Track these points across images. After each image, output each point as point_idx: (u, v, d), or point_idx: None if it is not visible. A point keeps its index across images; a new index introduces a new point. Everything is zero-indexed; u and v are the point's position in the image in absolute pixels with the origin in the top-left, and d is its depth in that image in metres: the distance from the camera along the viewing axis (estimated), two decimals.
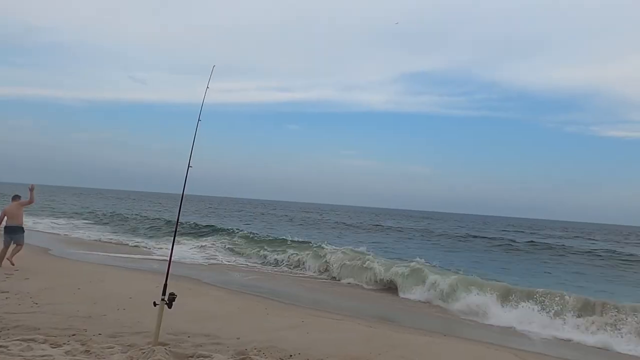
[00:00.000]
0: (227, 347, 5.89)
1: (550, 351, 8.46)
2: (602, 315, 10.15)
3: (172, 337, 6.09)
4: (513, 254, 26.69)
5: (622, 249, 30.89)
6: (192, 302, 8.83)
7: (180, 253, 16.62)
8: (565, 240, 39.56)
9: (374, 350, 6.59)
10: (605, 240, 43.32)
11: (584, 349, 9.00)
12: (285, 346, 6.22)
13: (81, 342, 5.50)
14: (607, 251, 28.29)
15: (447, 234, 38.90)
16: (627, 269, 21.19)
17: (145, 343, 5.48)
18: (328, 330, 7.76)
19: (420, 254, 19.17)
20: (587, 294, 12.15)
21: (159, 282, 5.70)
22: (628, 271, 20.59)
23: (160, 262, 15.48)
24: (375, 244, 25.48)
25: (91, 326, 6.45)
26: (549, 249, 29.17)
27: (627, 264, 22.90)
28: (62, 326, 6.28)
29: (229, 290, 11.54)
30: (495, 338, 8.99)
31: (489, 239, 34.55)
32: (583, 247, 31.63)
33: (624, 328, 9.42)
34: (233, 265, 17.51)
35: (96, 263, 14.20)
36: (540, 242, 33.44)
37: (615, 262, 23.45)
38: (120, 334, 6.10)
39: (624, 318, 9.70)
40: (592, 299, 11.01)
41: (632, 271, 20.68)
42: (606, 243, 38.96)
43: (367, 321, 9.10)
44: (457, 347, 7.61)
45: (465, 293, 11.88)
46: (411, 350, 6.92)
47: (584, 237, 49.04)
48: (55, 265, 12.50)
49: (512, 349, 7.88)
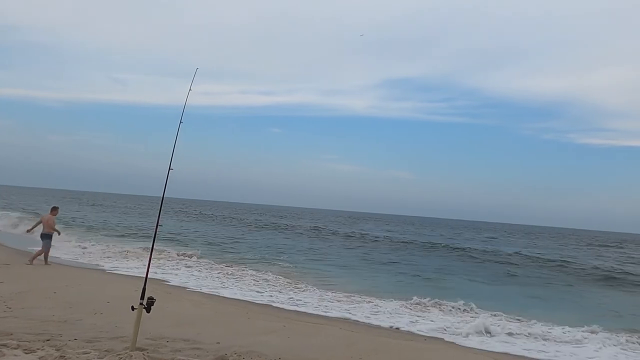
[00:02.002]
0: (206, 352, 5.80)
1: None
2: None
3: (151, 342, 5.98)
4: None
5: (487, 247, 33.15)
6: (172, 306, 8.70)
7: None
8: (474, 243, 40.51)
9: (355, 355, 6.58)
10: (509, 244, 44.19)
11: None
12: (266, 351, 6.16)
13: (56, 347, 5.35)
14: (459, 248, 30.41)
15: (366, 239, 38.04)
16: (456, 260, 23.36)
17: (123, 348, 5.36)
18: (309, 334, 7.72)
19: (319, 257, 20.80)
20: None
21: (137, 286, 5.60)
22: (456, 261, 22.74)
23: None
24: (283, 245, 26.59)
25: (67, 331, 6.29)
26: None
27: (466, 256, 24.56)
28: (36, 331, 6.11)
29: (209, 295, 11.40)
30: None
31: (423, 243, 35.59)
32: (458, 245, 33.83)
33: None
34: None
35: (74, 267, 13.89)
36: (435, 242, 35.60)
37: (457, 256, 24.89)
38: (97, 339, 5.96)
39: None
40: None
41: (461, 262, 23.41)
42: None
43: (349, 325, 9.08)
44: (438, 351, 7.63)
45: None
46: (392, 354, 6.92)
47: (501, 240, 50.02)
48: (31, 269, 12.18)
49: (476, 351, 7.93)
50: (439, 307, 11.53)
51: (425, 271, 19.49)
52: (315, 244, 30.29)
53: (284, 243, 28.76)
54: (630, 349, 8.76)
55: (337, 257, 22.63)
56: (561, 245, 47.80)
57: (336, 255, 23.95)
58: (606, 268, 24.71)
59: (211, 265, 16.36)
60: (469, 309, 11.34)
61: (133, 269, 13.89)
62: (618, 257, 34.91)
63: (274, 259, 19.86)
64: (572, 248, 44.01)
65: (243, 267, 16.36)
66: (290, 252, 23.06)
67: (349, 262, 20.97)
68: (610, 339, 9.20)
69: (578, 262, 27.13)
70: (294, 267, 17.75)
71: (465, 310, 11.24)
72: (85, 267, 14.10)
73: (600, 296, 16.55)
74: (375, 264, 21.03)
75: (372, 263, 21.48)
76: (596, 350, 8.51)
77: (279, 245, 27.16)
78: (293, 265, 17.99)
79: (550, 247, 44.03)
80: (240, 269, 15.72)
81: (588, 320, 10.57)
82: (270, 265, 17.83)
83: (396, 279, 16.85)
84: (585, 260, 28.92)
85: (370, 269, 19.35)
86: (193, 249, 20.01)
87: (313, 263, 19.72)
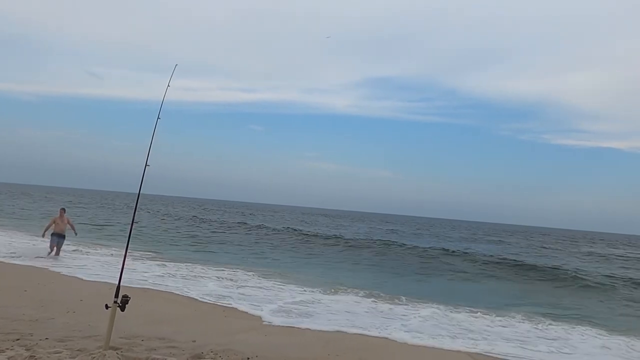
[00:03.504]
0: (182, 351, 5.74)
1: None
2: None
3: (125, 340, 5.88)
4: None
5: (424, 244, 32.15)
6: (147, 304, 8.57)
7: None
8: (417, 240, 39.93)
9: (332, 352, 6.59)
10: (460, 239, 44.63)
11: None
12: (243, 349, 6.12)
13: (26, 347, 5.22)
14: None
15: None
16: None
17: (96, 347, 5.26)
18: (287, 333, 7.70)
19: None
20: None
21: (112, 284, 5.50)
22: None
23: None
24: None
25: (38, 330, 6.14)
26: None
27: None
28: (6, 330, 5.95)
29: (184, 294, 11.25)
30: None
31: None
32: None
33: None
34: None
35: (47, 266, 13.55)
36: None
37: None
38: (69, 338, 5.83)
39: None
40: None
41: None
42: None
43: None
44: (413, 347, 7.68)
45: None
46: (369, 351, 6.95)
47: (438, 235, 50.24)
48: (1, 267, 11.86)
49: (466, 352, 8.03)
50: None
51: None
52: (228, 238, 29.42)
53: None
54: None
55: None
56: (500, 240, 48.33)
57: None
58: (501, 256, 25.72)
59: (180, 265, 16.00)
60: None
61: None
62: (533, 249, 36.46)
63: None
64: (507, 244, 43.49)
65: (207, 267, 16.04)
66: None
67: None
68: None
69: (480, 252, 27.74)
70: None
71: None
72: (55, 266, 13.75)
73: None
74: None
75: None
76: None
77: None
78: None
79: (480, 240, 44.97)
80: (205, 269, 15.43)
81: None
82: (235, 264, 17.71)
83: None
84: (495, 252, 29.86)
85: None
86: (158, 249, 19.95)
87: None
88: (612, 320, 11.59)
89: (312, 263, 19.97)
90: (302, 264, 19.12)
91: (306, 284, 13.15)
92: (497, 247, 37.78)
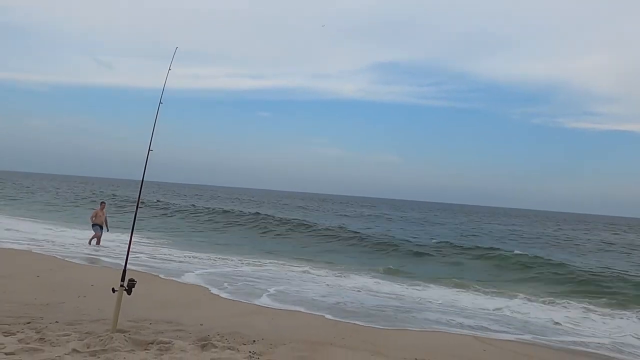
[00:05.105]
0: (189, 334, 5.81)
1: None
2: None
3: (133, 324, 5.98)
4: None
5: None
6: (155, 288, 8.71)
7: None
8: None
9: (338, 335, 6.64)
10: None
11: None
12: (249, 332, 6.19)
13: (36, 330, 5.33)
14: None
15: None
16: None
17: (104, 330, 5.35)
18: (293, 316, 7.77)
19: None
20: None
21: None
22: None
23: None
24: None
25: (48, 314, 6.27)
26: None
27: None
28: (17, 314, 6.08)
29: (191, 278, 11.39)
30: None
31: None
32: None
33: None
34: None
35: (59, 253, 13.77)
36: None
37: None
38: (78, 322, 5.94)
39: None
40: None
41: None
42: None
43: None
44: (420, 331, 7.72)
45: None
46: (374, 334, 7.00)
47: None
48: (15, 255, 12.07)
49: (472, 334, 8.05)
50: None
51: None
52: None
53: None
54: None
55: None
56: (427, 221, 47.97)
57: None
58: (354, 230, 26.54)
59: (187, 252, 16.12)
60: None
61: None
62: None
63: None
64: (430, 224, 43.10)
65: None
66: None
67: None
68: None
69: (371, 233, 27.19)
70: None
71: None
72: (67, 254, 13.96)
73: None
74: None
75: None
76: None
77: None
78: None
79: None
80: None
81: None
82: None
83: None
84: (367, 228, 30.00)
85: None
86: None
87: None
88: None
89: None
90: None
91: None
92: (391, 225, 37.22)
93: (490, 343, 7.08)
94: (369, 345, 6.23)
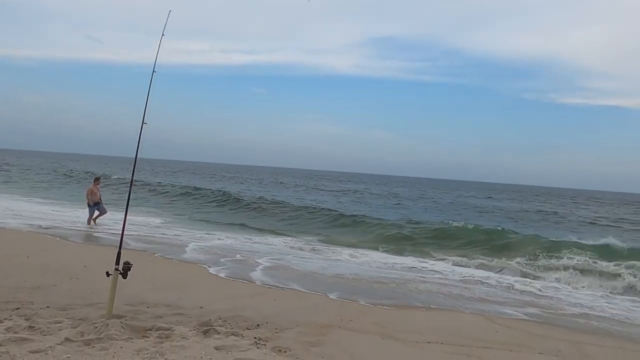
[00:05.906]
0: (189, 318, 5.50)
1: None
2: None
3: (130, 308, 5.66)
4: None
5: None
6: (152, 270, 8.36)
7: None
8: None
9: (345, 317, 6.36)
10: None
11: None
12: (252, 315, 5.90)
13: (25, 316, 4.99)
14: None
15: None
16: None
17: (99, 316, 5.02)
18: (297, 297, 7.48)
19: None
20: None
21: (117, 250, 5.19)
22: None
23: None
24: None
25: (39, 298, 5.92)
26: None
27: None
28: (6, 299, 5.72)
29: (189, 257, 11.07)
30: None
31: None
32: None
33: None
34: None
35: (50, 232, 13.36)
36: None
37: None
38: (71, 307, 5.60)
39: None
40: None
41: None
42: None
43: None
44: (427, 313, 7.47)
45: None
46: (382, 316, 6.73)
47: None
48: (4, 234, 11.65)
49: (483, 314, 7.81)
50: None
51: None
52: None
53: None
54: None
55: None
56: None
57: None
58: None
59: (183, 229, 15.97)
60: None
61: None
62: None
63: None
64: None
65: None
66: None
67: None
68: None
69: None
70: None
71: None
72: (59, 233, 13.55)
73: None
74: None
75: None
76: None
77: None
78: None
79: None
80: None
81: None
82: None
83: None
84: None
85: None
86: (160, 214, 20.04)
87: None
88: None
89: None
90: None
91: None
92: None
93: (501, 323, 6.84)
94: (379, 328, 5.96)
